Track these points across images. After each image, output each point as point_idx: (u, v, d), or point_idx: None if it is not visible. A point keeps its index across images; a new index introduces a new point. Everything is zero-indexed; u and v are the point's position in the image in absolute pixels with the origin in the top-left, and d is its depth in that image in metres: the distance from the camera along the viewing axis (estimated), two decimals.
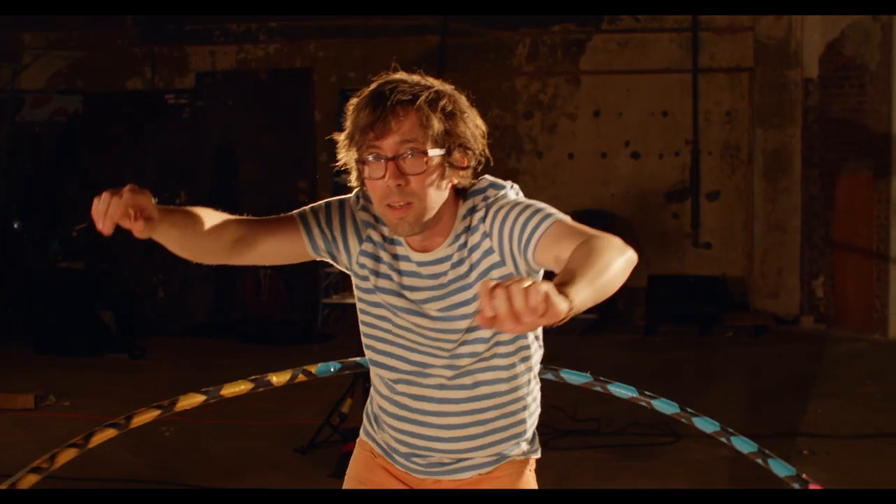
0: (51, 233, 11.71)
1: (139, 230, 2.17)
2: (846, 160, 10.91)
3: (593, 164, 11.89)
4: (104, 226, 2.13)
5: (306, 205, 2.53)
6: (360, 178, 2.36)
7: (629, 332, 10.89)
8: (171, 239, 2.32)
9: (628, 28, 11.74)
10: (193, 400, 2.79)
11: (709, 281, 11.29)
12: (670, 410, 2.70)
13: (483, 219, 2.36)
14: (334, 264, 2.54)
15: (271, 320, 11.24)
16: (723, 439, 2.61)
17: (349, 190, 2.54)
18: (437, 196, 2.31)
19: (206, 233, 2.35)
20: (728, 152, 11.71)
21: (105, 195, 2.14)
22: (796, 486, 2.44)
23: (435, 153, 2.27)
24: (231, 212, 2.47)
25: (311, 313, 11.57)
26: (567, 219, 2.26)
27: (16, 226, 11.88)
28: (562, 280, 1.89)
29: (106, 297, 10.99)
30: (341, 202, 2.51)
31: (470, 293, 2.37)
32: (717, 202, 11.74)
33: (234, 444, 6.71)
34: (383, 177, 2.27)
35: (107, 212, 2.12)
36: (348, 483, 2.66)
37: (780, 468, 2.46)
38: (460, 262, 2.39)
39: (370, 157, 2.28)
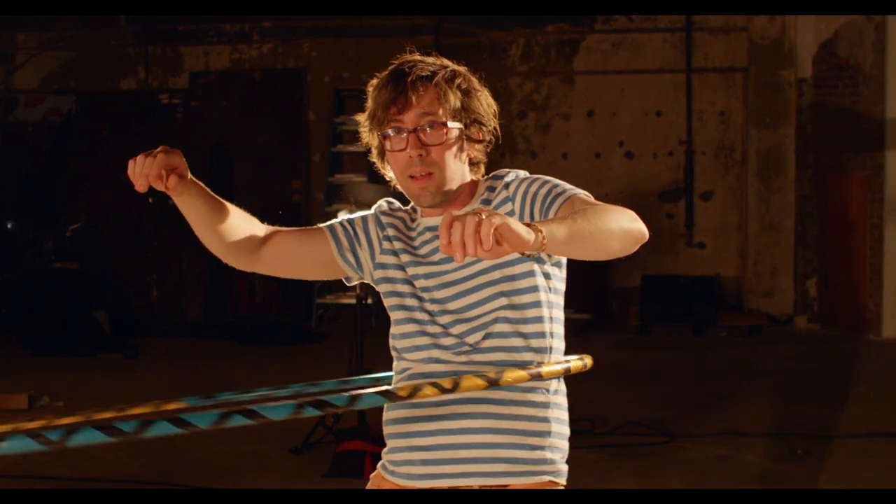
0: (45, 233, 11.70)
1: (172, 185, 2.30)
2: (840, 160, 10.92)
3: (587, 164, 11.89)
4: (138, 184, 2.27)
5: (300, 204, 2.55)
6: (382, 153, 2.45)
7: (623, 332, 10.90)
8: (201, 216, 2.41)
9: (622, 28, 11.75)
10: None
11: (703, 281, 11.30)
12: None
13: (506, 186, 2.43)
14: (360, 272, 2.53)
15: (265, 320, 11.23)
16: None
17: (342, 189, 2.55)
18: (456, 167, 2.41)
19: (238, 224, 2.44)
20: (722, 152, 11.72)
21: (139, 157, 2.27)
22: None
23: (453, 125, 2.37)
24: None
25: (306, 313, 11.57)
26: (587, 194, 2.33)
27: (9, 226, 11.86)
28: (541, 220, 2.03)
29: (100, 297, 10.99)
30: (363, 214, 2.58)
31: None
32: (710, 202, 11.75)
33: (228, 445, 6.70)
34: (405, 149, 2.36)
35: (140, 171, 2.26)
36: None
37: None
38: None
39: (391, 132, 2.38)
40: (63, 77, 12.68)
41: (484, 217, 1.85)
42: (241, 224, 2.46)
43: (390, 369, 2.59)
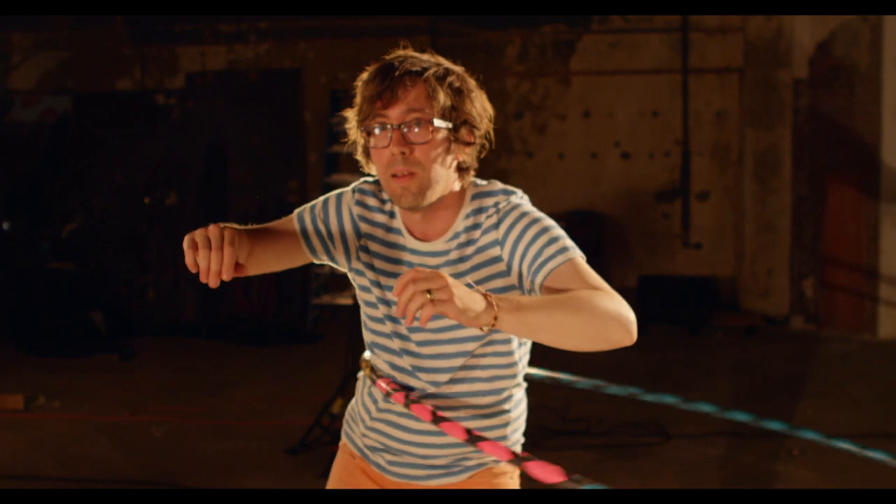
0: (40, 233, 11.68)
1: (240, 275, 2.19)
2: (836, 160, 10.93)
3: (583, 164, 11.90)
4: (213, 282, 2.09)
5: (296, 204, 2.51)
6: (367, 150, 2.34)
7: None
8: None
9: (618, 29, 11.76)
10: None
11: (699, 281, 11.30)
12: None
13: (496, 225, 2.32)
14: (335, 266, 2.51)
15: (261, 321, 11.22)
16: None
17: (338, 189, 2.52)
18: (441, 171, 2.29)
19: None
20: (718, 153, 11.73)
21: (200, 251, 2.08)
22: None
23: (441, 125, 2.26)
24: (222, 212, 2.44)
25: (301, 314, 11.56)
26: (580, 258, 2.24)
27: (5, 226, 11.85)
28: (510, 297, 1.99)
29: (95, 298, 10.97)
30: (338, 197, 2.48)
31: None
32: (707, 202, 11.76)
33: (224, 445, 6.70)
34: (388, 146, 2.25)
35: (209, 268, 2.07)
36: (331, 485, 2.66)
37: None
38: (461, 259, 2.35)
39: (376, 128, 2.27)
40: (59, 77, 12.67)
41: (433, 297, 1.86)
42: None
43: None
